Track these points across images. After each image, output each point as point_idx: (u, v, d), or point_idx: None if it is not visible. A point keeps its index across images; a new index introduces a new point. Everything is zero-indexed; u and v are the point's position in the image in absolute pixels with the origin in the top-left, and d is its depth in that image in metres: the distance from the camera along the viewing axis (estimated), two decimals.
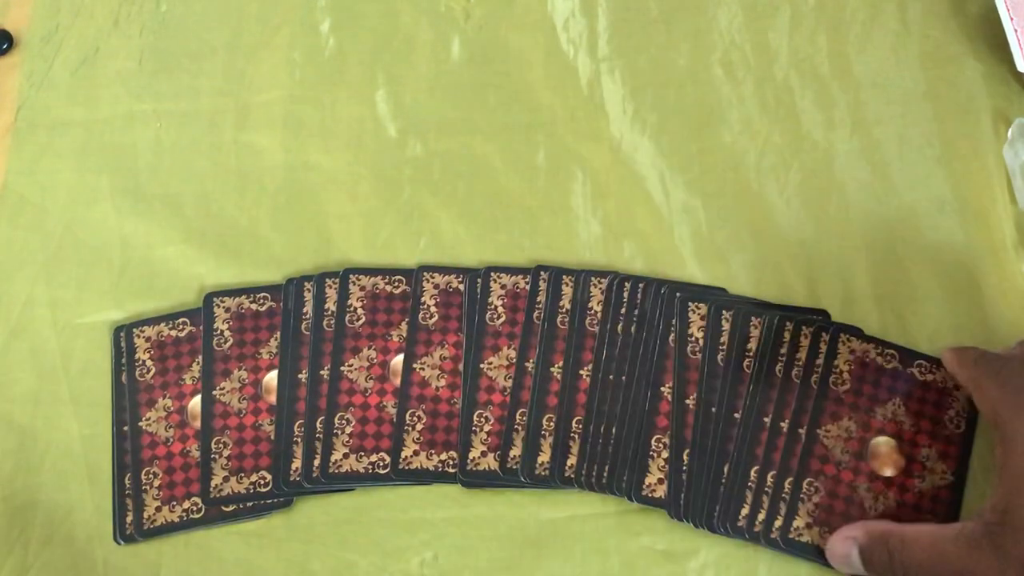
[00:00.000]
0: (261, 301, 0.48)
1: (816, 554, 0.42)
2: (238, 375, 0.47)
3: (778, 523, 0.42)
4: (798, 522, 0.42)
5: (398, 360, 0.47)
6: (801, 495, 0.43)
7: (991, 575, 0.35)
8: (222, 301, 0.48)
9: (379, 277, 0.48)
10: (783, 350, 0.45)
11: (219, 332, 0.48)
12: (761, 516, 0.43)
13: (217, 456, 0.45)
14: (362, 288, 0.48)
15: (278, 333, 0.48)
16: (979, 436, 0.44)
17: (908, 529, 0.39)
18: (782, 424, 0.44)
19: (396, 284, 0.48)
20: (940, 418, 0.44)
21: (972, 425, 0.44)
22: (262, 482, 0.45)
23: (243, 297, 0.48)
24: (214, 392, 0.47)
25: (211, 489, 0.45)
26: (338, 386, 0.46)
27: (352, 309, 0.48)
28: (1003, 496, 0.36)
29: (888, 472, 0.43)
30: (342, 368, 0.47)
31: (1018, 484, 0.36)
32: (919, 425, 0.44)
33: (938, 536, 0.37)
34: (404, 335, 0.47)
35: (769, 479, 0.43)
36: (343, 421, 0.46)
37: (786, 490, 0.43)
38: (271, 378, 0.47)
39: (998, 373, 0.39)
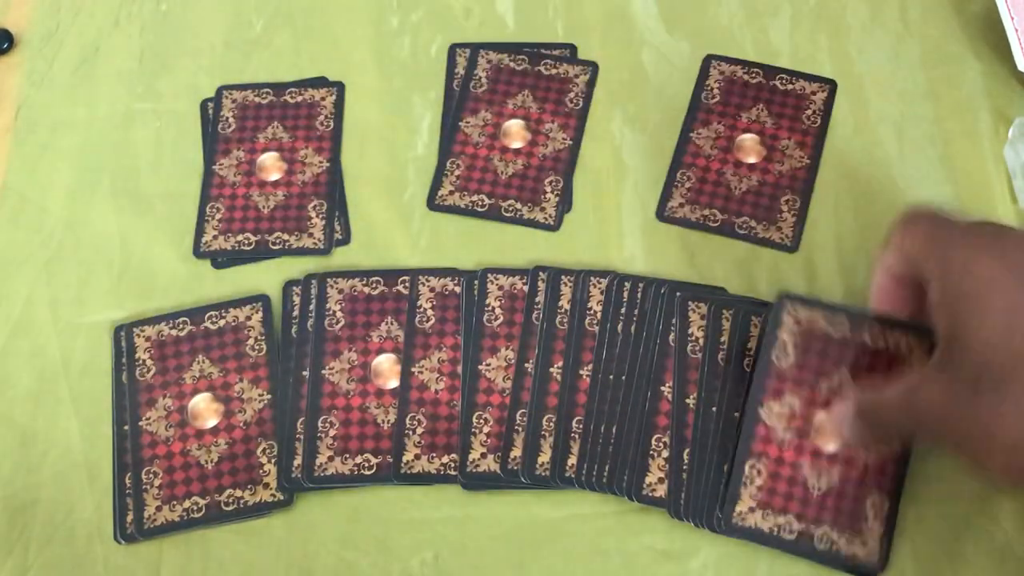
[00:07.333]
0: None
1: (760, 538, 0.42)
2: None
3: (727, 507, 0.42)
4: (741, 506, 0.42)
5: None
6: (744, 479, 0.42)
7: (949, 403, 0.36)
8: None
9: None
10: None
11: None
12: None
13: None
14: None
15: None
16: None
17: (880, 396, 0.40)
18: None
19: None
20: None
21: None
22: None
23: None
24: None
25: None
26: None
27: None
28: (944, 328, 0.37)
29: (832, 447, 0.42)
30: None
31: (955, 310, 0.36)
32: None
33: (909, 388, 0.38)
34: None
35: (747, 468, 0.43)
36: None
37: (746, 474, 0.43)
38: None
39: (936, 223, 0.39)
